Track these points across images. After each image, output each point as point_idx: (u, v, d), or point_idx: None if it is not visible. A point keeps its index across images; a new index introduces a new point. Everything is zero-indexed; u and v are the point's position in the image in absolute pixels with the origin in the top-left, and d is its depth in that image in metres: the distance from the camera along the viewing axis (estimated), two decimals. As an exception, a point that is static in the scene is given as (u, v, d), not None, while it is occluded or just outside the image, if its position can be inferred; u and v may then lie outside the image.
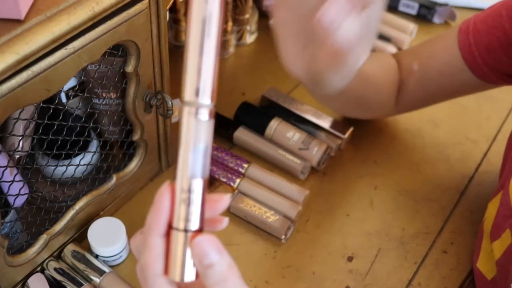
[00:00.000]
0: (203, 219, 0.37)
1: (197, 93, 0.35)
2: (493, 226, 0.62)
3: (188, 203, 0.36)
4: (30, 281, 0.61)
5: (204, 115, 0.35)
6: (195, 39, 0.34)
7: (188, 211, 0.36)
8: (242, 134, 0.78)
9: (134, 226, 0.69)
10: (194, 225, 0.36)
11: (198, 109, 0.35)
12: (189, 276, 0.37)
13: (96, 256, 0.64)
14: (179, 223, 0.36)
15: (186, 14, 0.89)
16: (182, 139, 0.36)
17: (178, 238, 0.36)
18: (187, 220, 0.36)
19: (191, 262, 0.37)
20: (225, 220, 0.39)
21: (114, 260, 0.65)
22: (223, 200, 0.38)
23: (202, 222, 0.37)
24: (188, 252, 0.37)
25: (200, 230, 0.37)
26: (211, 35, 0.35)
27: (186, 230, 0.36)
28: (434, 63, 0.70)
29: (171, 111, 0.64)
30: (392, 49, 0.93)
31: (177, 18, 0.89)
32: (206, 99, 0.35)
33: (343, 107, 0.73)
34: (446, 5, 1.00)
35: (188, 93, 0.35)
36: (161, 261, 0.36)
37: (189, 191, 0.36)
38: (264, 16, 0.97)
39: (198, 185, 0.36)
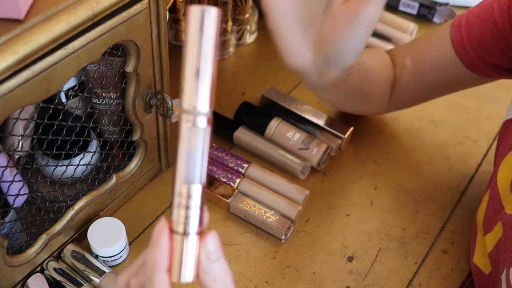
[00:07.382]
0: (202, 222, 0.38)
1: (195, 101, 0.35)
2: (485, 219, 0.62)
3: (187, 208, 0.37)
4: (30, 281, 0.61)
5: (203, 123, 0.36)
6: (193, 46, 0.34)
7: (187, 215, 0.37)
8: (242, 134, 0.78)
9: (134, 226, 0.69)
10: (193, 228, 0.37)
11: (197, 117, 0.35)
12: (189, 276, 0.37)
13: (96, 256, 0.64)
14: (178, 227, 0.37)
15: (185, 14, 0.89)
16: (181, 146, 0.36)
17: (178, 241, 0.37)
18: (186, 224, 0.37)
19: (192, 262, 0.37)
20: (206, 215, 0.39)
21: (114, 260, 0.65)
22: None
23: (202, 225, 0.38)
24: (190, 253, 0.37)
25: (199, 233, 0.38)
26: (209, 43, 0.34)
27: (185, 233, 0.37)
28: (427, 57, 0.70)
29: (171, 111, 0.64)
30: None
31: (177, 18, 0.89)
32: (204, 107, 0.35)
33: (343, 100, 0.71)
34: (446, 4, 1.00)
35: (186, 101, 0.35)
36: None
37: (188, 196, 0.37)
38: (264, 16, 0.97)
39: (196, 191, 0.37)
